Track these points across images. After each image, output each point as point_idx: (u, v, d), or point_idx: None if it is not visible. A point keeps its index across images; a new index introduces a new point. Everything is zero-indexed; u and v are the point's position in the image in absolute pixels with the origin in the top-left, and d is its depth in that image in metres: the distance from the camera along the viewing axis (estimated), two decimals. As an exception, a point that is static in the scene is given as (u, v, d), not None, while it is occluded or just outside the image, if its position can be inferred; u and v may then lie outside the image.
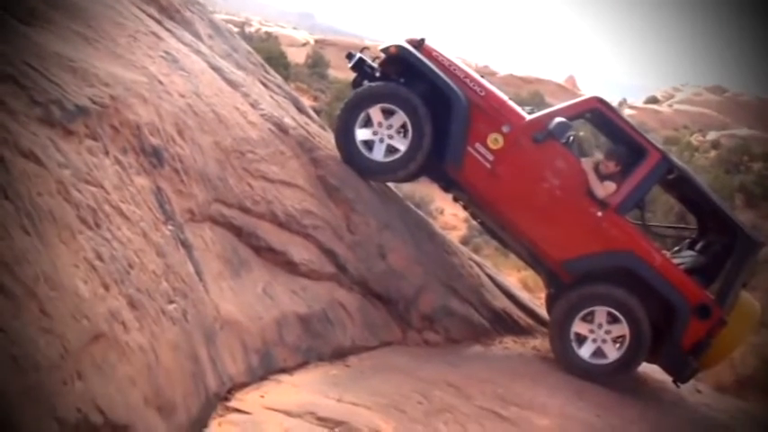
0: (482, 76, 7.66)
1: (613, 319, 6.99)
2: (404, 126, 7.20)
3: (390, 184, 8.20)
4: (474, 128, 7.19)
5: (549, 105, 10.41)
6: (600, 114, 7.39)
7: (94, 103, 3.97)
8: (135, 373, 3.19)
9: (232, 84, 6.60)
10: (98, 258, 3.26)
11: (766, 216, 24.91)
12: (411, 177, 7.98)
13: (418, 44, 7.41)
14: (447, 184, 8.00)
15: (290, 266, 5.73)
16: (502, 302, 8.24)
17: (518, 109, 7.37)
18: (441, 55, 7.41)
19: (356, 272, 6.36)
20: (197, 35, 7.23)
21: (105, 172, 3.77)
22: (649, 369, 7.64)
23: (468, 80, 7.33)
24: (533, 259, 7.86)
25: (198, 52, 6.58)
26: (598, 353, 7.03)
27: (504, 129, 7.15)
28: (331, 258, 6.18)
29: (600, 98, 7.41)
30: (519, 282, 11.76)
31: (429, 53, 7.39)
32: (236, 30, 10.19)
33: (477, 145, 7.16)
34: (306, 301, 5.65)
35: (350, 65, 7.84)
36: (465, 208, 8.78)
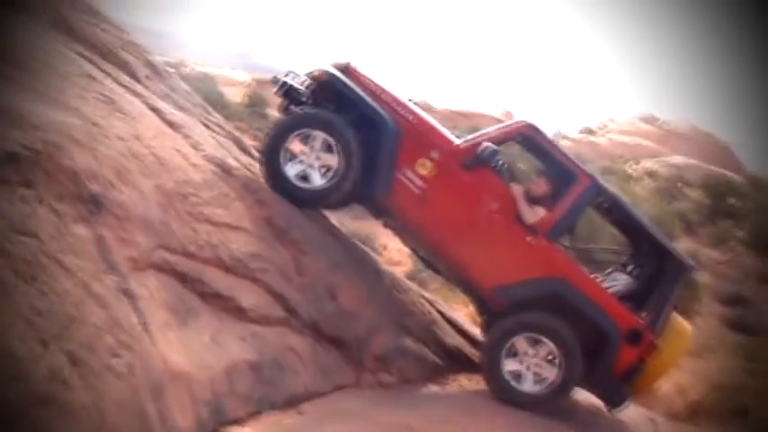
0: (411, 101, 7.56)
1: (535, 341, 6.92)
2: (327, 145, 6.92)
3: (336, 222, 8.04)
4: (403, 153, 7.06)
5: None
6: (529, 139, 7.34)
7: (26, 148, 3.77)
8: (79, 435, 2.97)
9: (172, 125, 6.40)
10: (36, 313, 3.05)
11: (705, 243, 25.42)
12: (344, 200, 7.68)
13: (344, 68, 7.26)
14: (377, 211, 7.85)
15: (238, 312, 5.50)
16: (454, 339, 8.15)
17: (447, 134, 7.30)
18: (368, 79, 7.27)
19: (307, 314, 6.16)
20: (134, 76, 7.03)
21: (40, 221, 3.57)
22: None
23: (396, 105, 7.20)
24: (465, 286, 7.78)
25: (135, 93, 6.39)
26: (538, 379, 6.93)
27: (433, 154, 7.05)
28: (280, 302, 5.97)
29: (529, 123, 7.35)
30: (468, 316, 11.66)
31: (357, 77, 7.24)
32: (171, 71, 9.97)
33: (407, 170, 7.04)
34: (256, 347, 5.43)
35: (275, 90, 7.49)
36: (396, 234, 8.61)
